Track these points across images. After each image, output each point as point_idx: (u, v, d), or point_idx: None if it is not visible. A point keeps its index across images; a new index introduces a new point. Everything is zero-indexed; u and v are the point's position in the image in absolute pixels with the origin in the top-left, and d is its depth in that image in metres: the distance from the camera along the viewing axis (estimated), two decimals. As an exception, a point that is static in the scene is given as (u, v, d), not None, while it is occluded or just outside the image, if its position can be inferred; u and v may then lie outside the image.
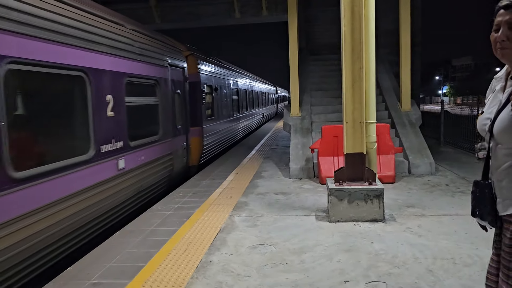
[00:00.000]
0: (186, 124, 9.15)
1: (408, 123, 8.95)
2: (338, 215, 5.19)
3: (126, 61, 6.06)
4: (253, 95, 22.66)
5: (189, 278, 3.73)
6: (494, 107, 1.81)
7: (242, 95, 18.11)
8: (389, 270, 3.73)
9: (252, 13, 20.28)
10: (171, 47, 8.70)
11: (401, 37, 9.50)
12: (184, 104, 9.01)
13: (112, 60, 5.70)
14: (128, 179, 5.98)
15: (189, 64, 9.76)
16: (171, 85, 8.09)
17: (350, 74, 5.32)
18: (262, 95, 27.53)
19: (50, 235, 4.17)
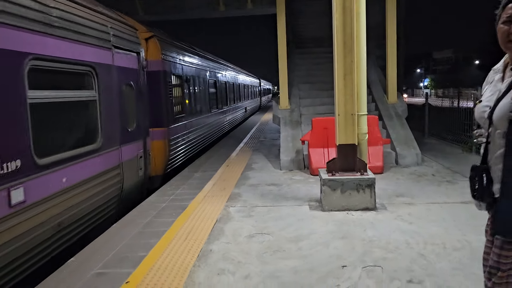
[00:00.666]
0: (144, 126, 7.12)
1: (394, 115, 9.17)
2: (331, 205, 5.35)
3: (29, 35, 4.00)
4: (235, 88, 20.80)
5: (191, 266, 3.84)
6: (493, 96, 1.95)
7: (221, 88, 16.03)
8: (384, 255, 3.91)
9: (236, 6, 20.25)
10: (120, 24, 6.41)
11: (388, 30, 9.68)
12: (141, 100, 6.93)
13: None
14: (33, 217, 3.94)
15: (150, 48, 7.92)
16: (118, 74, 6.00)
17: (342, 67, 5.46)
18: (245, 88, 25.74)
19: None
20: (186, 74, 10.13)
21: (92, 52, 5.23)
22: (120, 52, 6.17)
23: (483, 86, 2.13)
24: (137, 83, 6.85)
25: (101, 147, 5.37)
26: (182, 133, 9.47)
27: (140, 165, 6.86)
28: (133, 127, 6.58)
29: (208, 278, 3.60)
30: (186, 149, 9.87)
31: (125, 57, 6.38)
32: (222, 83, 16.34)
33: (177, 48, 9.72)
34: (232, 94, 19.38)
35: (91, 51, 5.18)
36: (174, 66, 9.12)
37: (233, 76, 20.20)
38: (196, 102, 11.27)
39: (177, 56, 9.45)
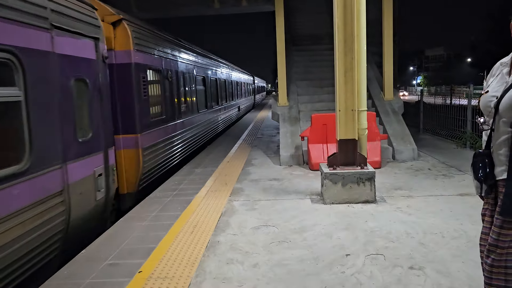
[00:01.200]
0: (106, 133, 5.45)
1: (391, 111, 9.36)
2: (333, 198, 5.51)
3: None
4: (227, 85, 19.18)
5: (201, 256, 3.98)
6: (500, 87, 2.12)
7: (212, 86, 14.35)
8: (385, 244, 4.08)
9: (232, 3, 20.33)
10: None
11: (384, 27, 9.85)
12: (100, 100, 5.29)
13: None
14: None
15: (119, 36, 6.41)
16: (62, 65, 4.43)
17: (343, 64, 5.61)
18: (238, 85, 24.04)
19: None
20: (167, 69, 8.55)
21: (14, 32, 3.63)
22: (66, 35, 4.52)
23: (487, 79, 2.31)
24: (95, 78, 5.15)
25: (29, 169, 3.71)
26: (162, 139, 7.90)
27: (100, 185, 5.15)
28: (87, 136, 4.91)
29: (218, 267, 3.74)
30: (168, 158, 8.31)
31: (74, 43, 4.70)
32: (213, 80, 14.75)
33: (155, 38, 8.11)
34: (224, 92, 17.82)
35: (11, 30, 3.59)
36: (151, 59, 7.55)
37: (225, 73, 18.76)
38: (181, 101, 9.57)
39: (155, 47, 7.89)
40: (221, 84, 16.92)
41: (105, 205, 5.42)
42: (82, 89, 4.91)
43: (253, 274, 3.58)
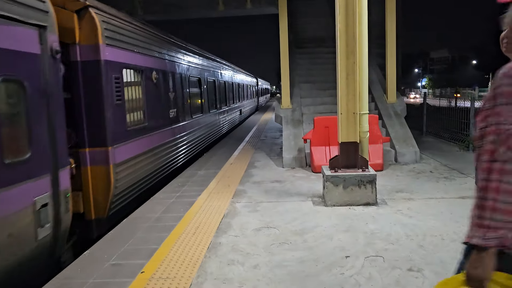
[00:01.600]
0: (54, 150, 4.21)
1: (394, 114, 9.39)
2: (334, 200, 5.56)
3: None
4: (228, 87, 17.89)
5: (202, 257, 4.04)
6: None
7: (209, 88, 13.14)
8: (385, 246, 4.12)
9: (235, 6, 20.44)
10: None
11: (387, 29, 9.88)
12: (45, 107, 4.10)
13: None
14: None
15: (84, 27, 5.29)
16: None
17: (345, 68, 5.66)
18: (240, 88, 22.42)
19: None
20: (152, 69, 7.44)
21: None
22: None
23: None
24: (37, 78, 4.03)
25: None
26: (143, 152, 6.71)
27: (44, 219, 3.98)
28: (23, 157, 3.75)
29: (219, 268, 3.79)
30: (152, 172, 7.18)
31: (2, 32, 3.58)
32: (211, 82, 13.59)
33: (137, 32, 6.96)
34: (224, 95, 16.76)
35: None
36: (129, 56, 6.42)
37: (225, 75, 17.59)
38: (169, 106, 8.40)
39: (136, 43, 6.76)
40: (221, 87, 15.96)
41: (54, 243, 4.20)
42: (14, 93, 3.78)
43: (253, 275, 3.63)
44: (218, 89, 15.08)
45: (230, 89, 18.53)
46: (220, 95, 15.56)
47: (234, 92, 20.49)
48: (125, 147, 6.05)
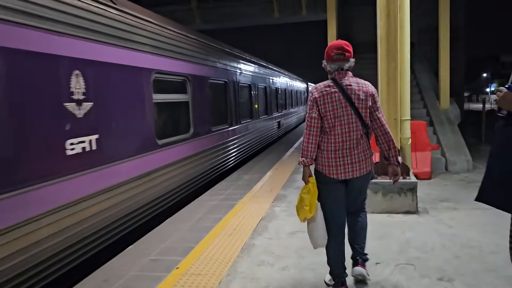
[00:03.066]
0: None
1: (446, 121, 9.06)
2: (372, 207, 5.50)
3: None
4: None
5: (235, 257, 4.20)
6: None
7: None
8: (418, 255, 4.05)
9: (291, 13, 20.64)
10: None
11: (440, 33, 9.59)
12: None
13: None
14: None
15: None
16: None
17: (386, 73, 5.61)
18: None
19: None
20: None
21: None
22: None
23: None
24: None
25: None
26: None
27: None
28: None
29: (249, 268, 3.94)
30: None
31: None
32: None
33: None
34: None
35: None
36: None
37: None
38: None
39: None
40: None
41: None
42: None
43: (280, 276, 3.73)
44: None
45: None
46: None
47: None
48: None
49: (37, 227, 3.68)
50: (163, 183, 6.11)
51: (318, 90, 3.27)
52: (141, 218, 5.55)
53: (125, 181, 5.10)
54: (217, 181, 8.49)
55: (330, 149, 3.24)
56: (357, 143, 3.24)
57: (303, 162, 3.28)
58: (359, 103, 3.22)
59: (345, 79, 3.29)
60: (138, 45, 5.49)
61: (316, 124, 3.23)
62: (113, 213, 4.86)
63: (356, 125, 3.22)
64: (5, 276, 3.37)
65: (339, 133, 3.21)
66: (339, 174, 3.24)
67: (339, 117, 3.20)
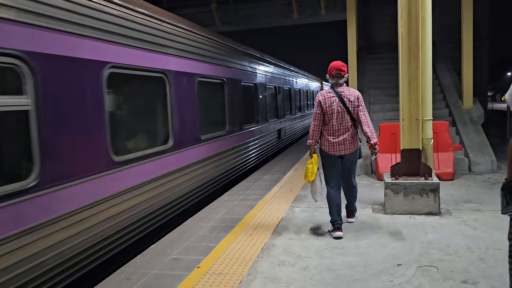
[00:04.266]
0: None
1: (469, 121, 8.88)
2: (394, 208, 5.45)
3: None
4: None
5: (255, 257, 4.22)
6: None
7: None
8: (441, 257, 3.99)
9: (309, 13, 20.54)
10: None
11: (463, 32, 9.40)
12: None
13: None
14: None
15: None
16: None
17: (407, 73, 5.54)
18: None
19: None
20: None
21: None
22: None
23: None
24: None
25: None
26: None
27: None
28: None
29: (269, 268, 3.95)
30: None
31: None
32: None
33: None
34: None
35: None
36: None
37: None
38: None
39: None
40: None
41: None
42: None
43: (301, 276, 3.73)
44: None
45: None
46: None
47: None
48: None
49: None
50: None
51: (322, 95, 4.79)
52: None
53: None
54: (245, 175, 9.29)
55: (329, 134, 4.75)
56: (347, 130, 4.74)
57: (309, 143, 4.87)
58: (349, 104, 4.70)
59: (340, 88, 4.76)
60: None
61: (319, 117, 4.76)
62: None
63: (346, 118, 4.70)
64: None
65: (335, 123, 4.71)
66: (336, 152, 4.78)
67: (335, 113, 4.69)
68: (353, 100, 4.70)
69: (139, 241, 5.10)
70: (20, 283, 3.36)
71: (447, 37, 11.81)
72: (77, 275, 4.04)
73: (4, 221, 3.24)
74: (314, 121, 4.78)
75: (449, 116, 9.36)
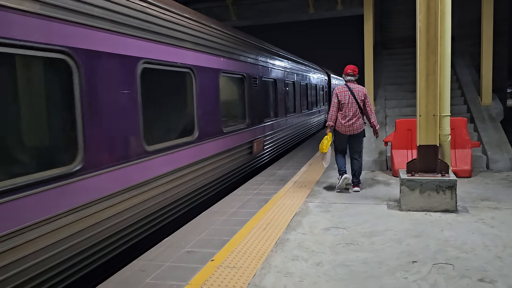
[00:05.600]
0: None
1: (488, 117, 8.71)
2: (409, 204, 5.39)
3: None
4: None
5: (268, 251, 4.22)
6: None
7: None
8: (457, 254, 3.93)
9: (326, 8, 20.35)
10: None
11: (483, 27, 9.21)
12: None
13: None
14: None
15: None
16: None
17: (425, 68, 5.45)
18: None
19: None
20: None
21: None
22: None
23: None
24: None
25: None
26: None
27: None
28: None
29: (283, 263, 3.95)
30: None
31: None
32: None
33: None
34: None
35: None
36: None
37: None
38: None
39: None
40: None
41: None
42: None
43: (315, 271, 3.72)
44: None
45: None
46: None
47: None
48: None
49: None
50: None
51: (339, 89, 6.57)
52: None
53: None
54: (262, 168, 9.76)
55: (342, 118, 6.51)
56: (355, 116, 6.48)
57: (328, 124, 6.62)
58: (358, 97, 6.48)
59: (352, 85, 6.56)
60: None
61: (336, 105, 6.55)
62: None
63: (355, 107, 6.47)
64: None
65: (346, 110, 6.48)
66: (345, 132, 6.53)
67: (347, 103, 6.47)
68: (361, 94, 6.49)
69: (161, 229, 5.41)
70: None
71: (466, 32, 11.59)
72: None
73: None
74: (332, 108, 6.54)
75: (467, 112, 9.20)
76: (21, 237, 3.25)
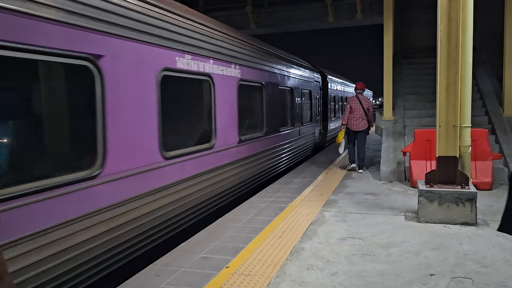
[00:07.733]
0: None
1: (510, 129, 8.54)
2: (428, 216, 5.30)
3: None
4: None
5: (284, 260, 4.21)
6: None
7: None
8: (477, 268, 3.85)
9: (345, 17, 20.36)
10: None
11: (506, 37, 9.07)
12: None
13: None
14: None
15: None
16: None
17: (445, 78, 5.39)
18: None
19: None
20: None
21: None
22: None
23: None
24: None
25: None
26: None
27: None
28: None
29: (298, 272, 3.92)
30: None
31: None
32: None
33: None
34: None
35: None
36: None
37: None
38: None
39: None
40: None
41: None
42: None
43: (330, 281, 3.69)
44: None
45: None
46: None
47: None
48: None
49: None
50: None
51: (351, 99, 9.26)
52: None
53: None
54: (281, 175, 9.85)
55: (352, 119, 9.18)
56: (361, 117, 9.14)
57: (342, 123, 9.34)
58: (364, 105, 9.17)
59: (360, 96, 9.32)
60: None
61: (348, 110, 9.21)
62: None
63: (361, 112, 9.15)
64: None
65: (355, 114, 9.17)
66: (354, 128, 9.19)
67: (357, 109, 9.15)
68: (366, 103, 9.21)
69: (179, 234, 5.44)
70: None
71: (488, 42, 11.42)
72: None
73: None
74: (346, 112, 9.24)
75: (488, 123, 9.03)
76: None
